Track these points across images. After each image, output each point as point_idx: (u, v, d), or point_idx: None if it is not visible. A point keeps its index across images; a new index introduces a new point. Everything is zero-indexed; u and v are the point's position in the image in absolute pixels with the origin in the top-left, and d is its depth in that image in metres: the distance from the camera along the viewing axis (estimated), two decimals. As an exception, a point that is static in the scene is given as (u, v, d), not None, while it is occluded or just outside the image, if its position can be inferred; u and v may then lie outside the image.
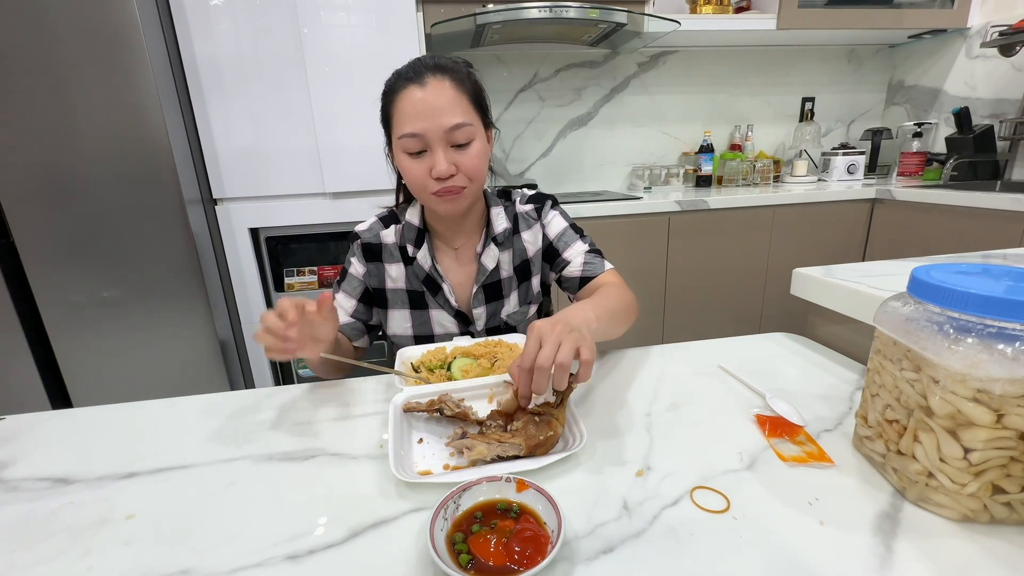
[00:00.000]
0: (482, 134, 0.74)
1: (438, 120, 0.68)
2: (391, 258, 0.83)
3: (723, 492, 0.44)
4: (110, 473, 0.51)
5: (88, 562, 0.39)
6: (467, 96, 0.71)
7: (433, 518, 0.38)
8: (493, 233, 0.82)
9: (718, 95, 2.37)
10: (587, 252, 0.84)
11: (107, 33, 1.29)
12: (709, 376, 0.66)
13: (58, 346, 1.48)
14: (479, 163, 0.73)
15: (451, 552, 0.37)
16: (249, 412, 0.63)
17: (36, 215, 1.37)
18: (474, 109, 0.73)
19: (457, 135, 0.69)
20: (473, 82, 0.74)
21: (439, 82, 0.69)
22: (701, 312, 2.01)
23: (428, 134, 0.68)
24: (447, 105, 0.68)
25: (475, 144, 0.72)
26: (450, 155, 0.70)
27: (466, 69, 0.74)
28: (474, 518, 0.40)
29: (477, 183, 0.75)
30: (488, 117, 0.77)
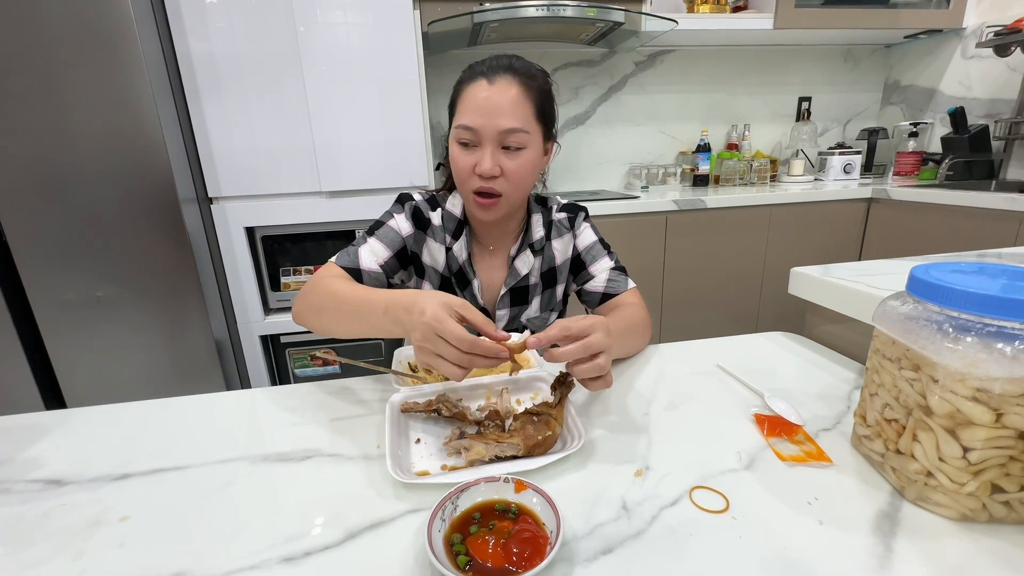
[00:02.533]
0: (538, 144, 0.73)
1: (495, 120, 0.68)
2: (435, 237, 0.82)
3: (722, 492, 0.44)
4: (104, 474, 0.50)
5: (81, 564, 0.39)
6: (532, 103, 0.71)
7: (431, 519, 0.38)
8: (531, 240, 0.82)
9: (715, 94, 2.38)
10: (612, 269, 0.83)
11: (101, 31, 1.28)
12: (707, 375, 0.66)
13: (52, 346, 1.46)
14: (525, 172, 0.72)
15: (449, 554, 0.36)
16: (245, 412, 0.62)
17: (29, 214, 1.36)
18: (536, 118, 0.72)
19: (510, 139, 0.69)
20: (543, 92, 0.73)
21: (507, 83, 0.69)
22: (699, 311, 2.01)
23: (482, 131, 0.69)
24: (508, 108, 0.68)
25: (526, 152, 0.71)
26: (498, 156, 0.70)
27: (542, 77, 0.74)
28: (472, 519, 0.40)
29: (519, 192, 0.74)
30: (551, 129, 0.77)
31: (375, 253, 0.78)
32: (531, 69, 0.73)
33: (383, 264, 0.78)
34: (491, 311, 0.85)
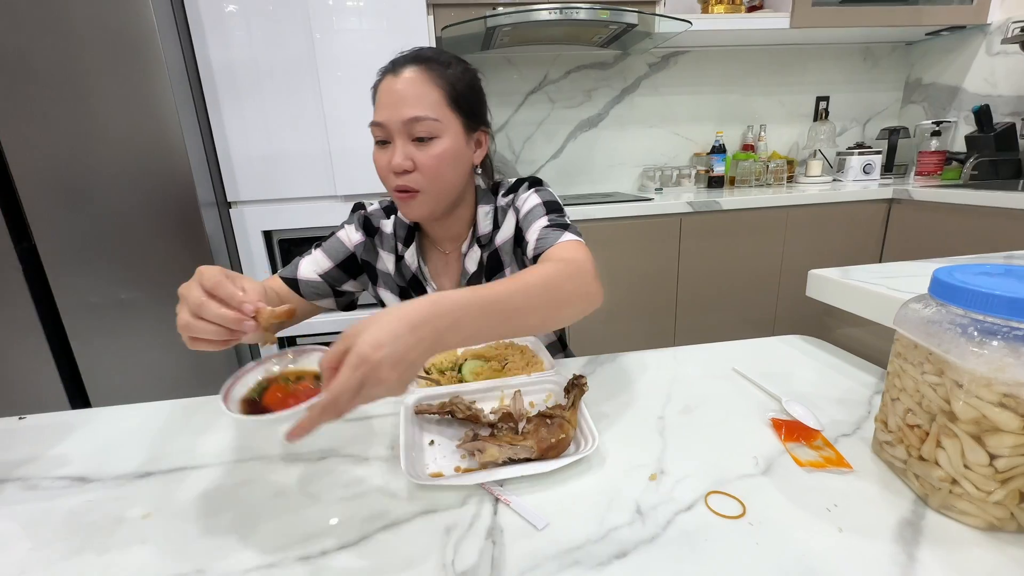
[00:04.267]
0: (455, 134, 0.69)
1: (398, 111, 0.66)
2: (384, 245, 0.82)
3: (738, 497, 0.43)
4: (127, 472, 0.51)
5: (106, 560, 0.40)
6: (442, 91, 0.67)
7: (261, 363, 0.46)
8: (479, 234, 0.78)
9: (730, 95, 2.35)
10: (545, 227, 0.70)
11: (125, 40, 1.32)
12: (723, 379, 0.65)
13: (77, 347, 1.51)
14: (438, 163, 0.68)
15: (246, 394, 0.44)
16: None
17: (56, 218, 1.40)
18: (449, 106, 0.68)
19: (417, 128, 0.66)
20: (457, 78, 0.69)
21: (413, 73, 0.67)
22: (713, 314, 1.99)
23: (389, 124, 0.67)
24: (412, 97, 0.66)
25: (439, 142, 0.67)
26: (408, 149, 0.67)
27: (456, 64, 0.70)
28: (287, 378, 0.46)
29: (438, 185, 0.69)
30: (473, 119, 0.72)
31: (317, 263, 0.80)
32: (441, 56, 0.70)
33: (323, 274, 0.80)
34: None
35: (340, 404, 0.37)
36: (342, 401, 0.37)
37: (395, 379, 0.38)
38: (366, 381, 0.37)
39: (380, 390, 0.38)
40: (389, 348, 0.38)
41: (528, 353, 0.69)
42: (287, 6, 1.47)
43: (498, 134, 2.25)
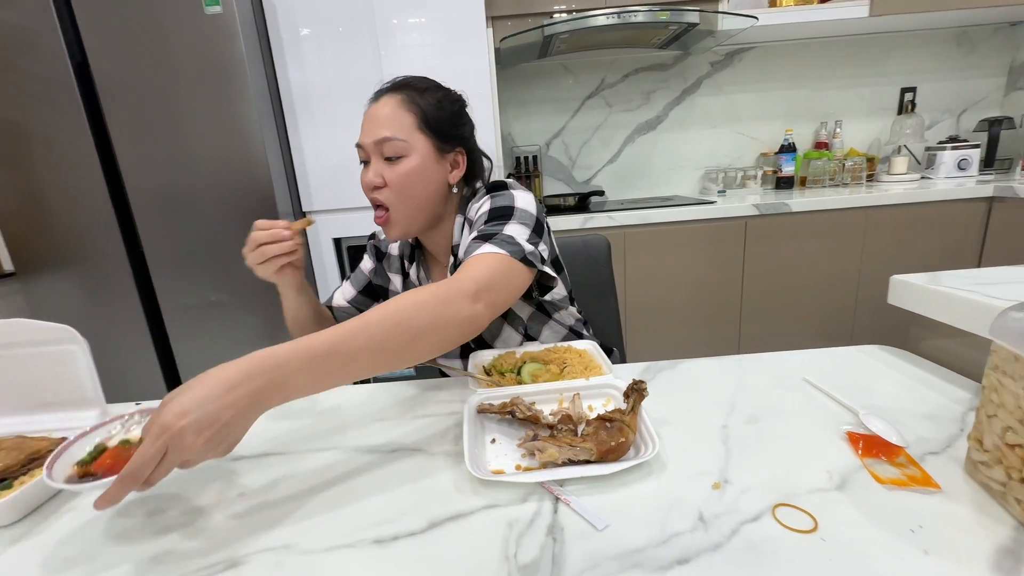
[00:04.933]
0: (424, 154, 0.73)
1: (372, 133, 0.72)
2: (391, 267, 0.91)
3: (809, 511, 0.41)
4: (224, 455, 0.57)
5: (209, 530, 0.45)
6: (414, 115, 0.72)
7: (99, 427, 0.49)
8: (454, 244, 0.80)
9: (801, 90, 2.23)
10: (472, 239, 0.67)
11: (218, 69, 1.47)
12: (792, 389, 0.62)
13: (175, 342, 1.68)
14: (404, 181, 0.72)
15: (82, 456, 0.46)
16: (337, 407, 0.68)
17: (160, 228, 1.58)
18: (419, 128, 0.73)
19: (385, 148, 0.72)
20: (431, 103, 0.74)
21: (388, 99, 0.73)
22: (782, 323, 1.88)
23: (366, 145, 0.73)
24: (384, 120, 0.72)
25: (405, 160, 0.72)
26: (380, 167, 0.73)
27: (430, 91, 0.75)
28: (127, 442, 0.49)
29: (406, 202, 0.74)
30: (446, 140, 0.75)
31: (344, 292, 0.93)
32: (419, 84, 0.75)
33: (351, 300, 0.93)
34: None
35: (140, 474, 0.38)
36: (143, 471, 0.38)
37: (202, 444, 0.39)
38: (170, 449, 0.38)
39: (188, 455, 0.39)
40: (194, 415, 0.39)
41: (587, 357, 0.70)
42: (355, 27, 1.57)
43: (554, 140, 2.27)
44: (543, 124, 2.24)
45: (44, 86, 1.46)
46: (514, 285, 0.63)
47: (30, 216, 1.56)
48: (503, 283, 0.61)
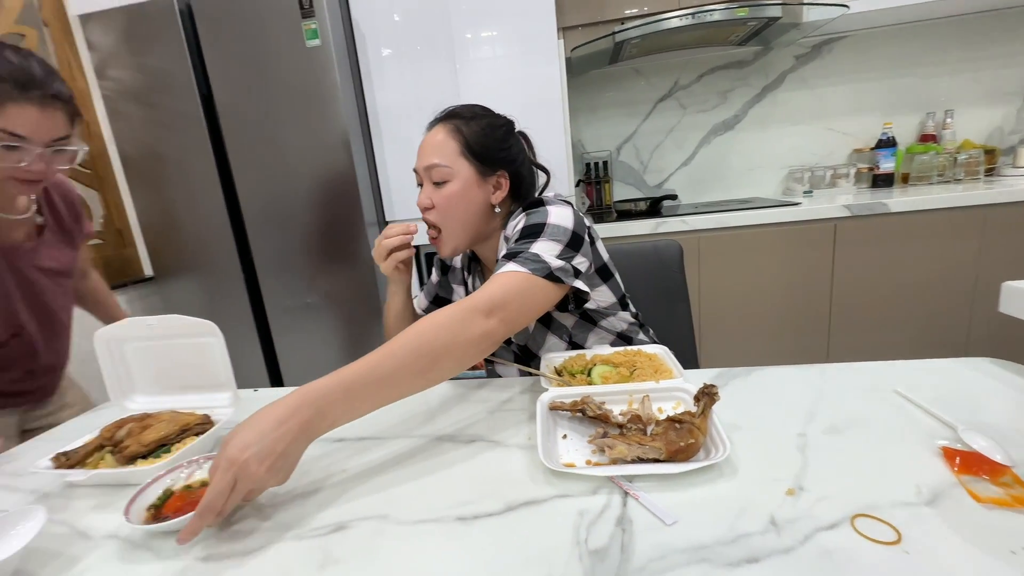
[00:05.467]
0: (466, 178, 0.79)
1: (422, 159, 0.80)
2: (455, 279, 0.98)
3: (893, 524, 0.40)
4: (328, 437, 0.65)
5: (320, 498, 0.52)
6: (458, 143, 0.79)
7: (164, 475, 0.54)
8: (498, 258, 0.82)
9: (902, 79, 2.03)
10: (502, 256, 0.72)
11: (315, 94, 1.64)
12: (881, 401, 0.59)
13: (277, 340, 1.89)
14: (449, 203, 0.79)
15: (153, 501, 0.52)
16: (421, 400, 0.75)
17: (265, 237, 1.79)
18: (462, 154, 0.79)
19: (433, 173, 0.79)
20: (475, 131, 0.80)
21: (438, 128, 0.81)
22: (880, 334, 1.73)
23: (419, 171, 0.81)
24: (432, 148, 0.79)
25: (450, 184, 0.79)
26: (429, 190, 0.80)
27: (476, 119, 0.81)
28: (190, 487, 0.54)
29: (452, 222, 0.80)
30: (489, 164, 0.81)
31: (419, 303, 1.02)
32: (465, 112, 0.82)
33: (424, 310, 1.02)
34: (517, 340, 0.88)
35: (216, 505, 0.44)
36: (218, 502, 0.44)
37: (264, 472, 0.46)
38: (238, 480, 0.45)
39: (253, 484, 0.46)
40: (255, 447, 0.46)
41: (657, 360, 0.71)
42: (433, 44, 1.68)
43: (625, 145, 2.25)
44: (614, 129, 2.24)
45: (178, 118, 1.71)
46: (533, 301, 0.67)
47: (165, 229, 1.84)
48: (519, 300, 0.65)
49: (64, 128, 0.78)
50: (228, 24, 1.61)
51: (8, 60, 0.71)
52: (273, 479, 0.48)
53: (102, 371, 0.71)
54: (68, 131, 0.79)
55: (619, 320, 0.87)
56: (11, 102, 0.71)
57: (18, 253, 0.89)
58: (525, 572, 0.40)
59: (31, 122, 0.74)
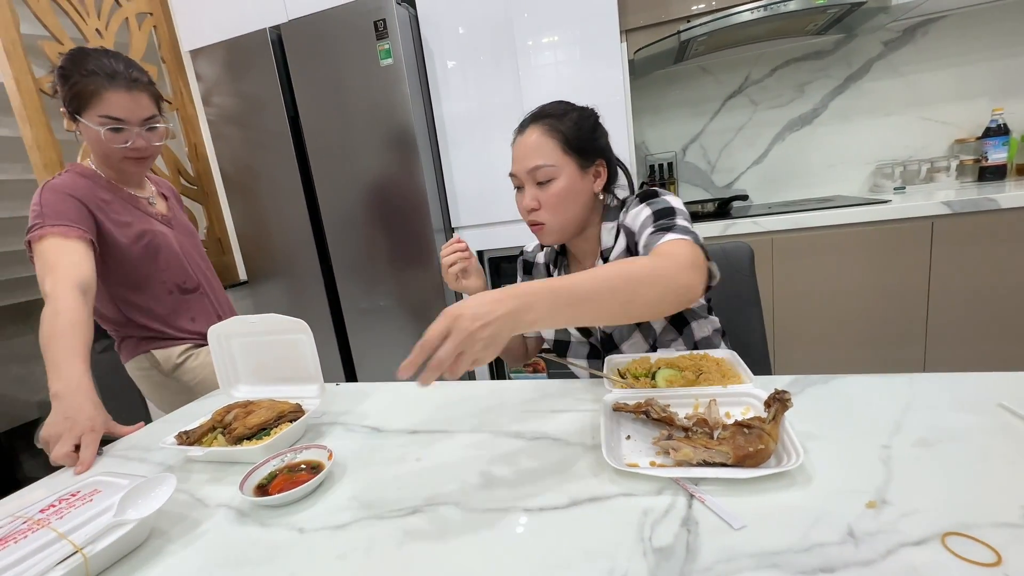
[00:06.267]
0: (570, 173, 0.81)
1: (523, 163, 0.82)
2: (538, 274, 1.01)
3: (991, 545, 0.37)
4: (403, 428, 0.71)
5: (398, 483, 0.57)
6: (557, 140, 0.80)
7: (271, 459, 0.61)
8: (602, 248, 0.87)
9: (1015, 59, 1.81)
10: (649, 234, 0.74)
11: (387, 109, 1.74)
12: (981, 414, 0.54)
13: (352, 339, 2.02)
14: (558, 200, 0.81)
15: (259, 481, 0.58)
16: (487, 398, 0.78)
17: (342, 244, 1.92)
18: (562, 151, 0.81)
19: (538, 175, 0.81)
20: (570, 126, 0.81)
21: (532, 130, 0.82)
22: (986, 343, 1.55)
23: (519, 174, 0.83)
24: (532, 150, 0.81)
25: (556, 183, 0.81)
26: (534, 191, 0.82)
27: (568, 113, 0.83)
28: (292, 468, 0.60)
29: (559, 216, 0.82)
30: (587, 156, 0.83)
31: None
32: (554, 110, 0.83)
33: None
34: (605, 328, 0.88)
35: (431, 344, 0.49)
36: (431, 343, 0.49)
37: (476, 329, 0.49)
38: (453, 331, 0.49)
39: (464, 338, 0.48)
40: (472, 308, 0.50)
41: (725, 365, 0.69)
42: (496, 53, 1.73)
43: (691, 145, 2.19)
44: (679, 129, 2.18)
45: (270, 137, 1.89)
46: (706, 269, 0.69)
47: (257, 237, 2.04)
48: (703, 265, 0.68)
49: (151, 108, 0.99)
50: (312, 50, 1.77)
51: (99, 59, 0.92)
52: (480, 344, 0.50)
53: (214, 362, 0.81)
54: (155, 111, 1.00)
55: (707, 324, 0.87)
56: (105, 91, 0.92)
57: (171, 221, 1.14)
58: (589, 564, 0.41)
59: (123, 105, 0.94)
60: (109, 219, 1.00)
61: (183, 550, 0.51)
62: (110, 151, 0.97)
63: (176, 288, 1.11)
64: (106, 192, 1.02)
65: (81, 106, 0.93)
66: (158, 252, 1.07)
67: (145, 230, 1.05)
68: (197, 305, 1.15)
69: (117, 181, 1.05)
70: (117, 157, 0.99)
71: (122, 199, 1.04)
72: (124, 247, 1.02)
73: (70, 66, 0.91)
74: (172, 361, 1.10)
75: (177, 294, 1.12)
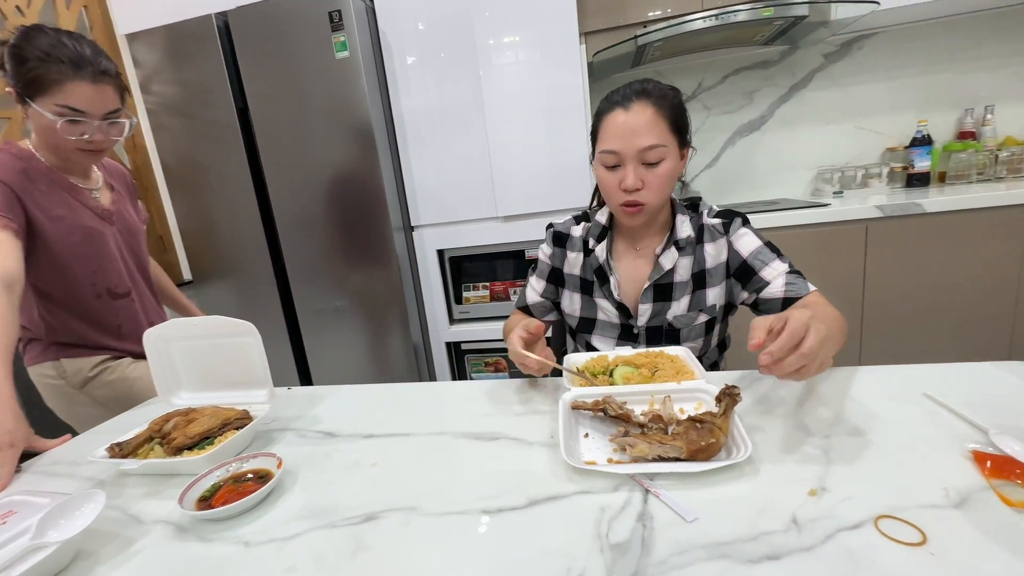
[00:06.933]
0: (675, 154, 0.80)
1: (633, 141, 0.78)
2: (573, 247, 0.95)
3: (918, 525, 0.40)
4: (357, 433, 0.69)
5: (351, 490, 0.55)
6: (666, 120, 0.78)
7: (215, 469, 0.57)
8: (676, 238, 0.86)
9: (938, 75, 1.96)
10: (788, 272, 0.81)
11: (344, 104, 1.69)
12: (910, 404, 0.58)
13: (307, 341, 1.95)
14: (664, 182, 0.80)
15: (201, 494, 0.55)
16: (446, 399, 0.77)
17: (297, 243, 1.85)
18: (671, 131, 0.79)
19: (649, 155, 0.78)
20: (675, 107, 0.80)
21: (641, 107, 0.78)
22: (914, 337, 1.67)
23: (624, 152, 0.79)
24: (643, 128, 0.77)
25: (664, 164, 0.79)
26: (639, 171, 0.79)
27: (672, 95, 0.81)
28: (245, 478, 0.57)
29: (660, 199, 0.82)
30: (684, 138, 0.83)
31: (535, 288, 1.00)
32: (662, 89, 0.80)
33: (542, 293, 0.99)
34: (633, 306, 0.89)
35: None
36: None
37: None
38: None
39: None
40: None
41: (679, 362, 0.71)
42: (456, 51, 1.71)
43: (648, 147, 2.24)
44: (636, 132, 2.23)
45: (217, 129, 1.79)
46: None
47: (203, 234, 1.92)
48: None
49: (115, 101, 0.90)
50: (262, 39, 1.69)
51: (64, 44, 0.83)
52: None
53: (151, 368, 0.76)
54: (119, 104, 0.91)
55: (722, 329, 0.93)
56: (69, 80, 0.83)
57: (113, 217, 1.04)
58: (548, 563, 0.41)
59: (87, 98, 0.86)
60: (40, 209, 0.90)
61: (113, 572, 0.47)
62: (62, 142, 0.88)
63: (106, 292, 1.02)
64: (42, 179, 0.92)
65: (36, 92, 0.83)
66: (91, 251, 0.98)
67: (79, 226, 0.96)
68: (125, 312, 1.05)
69: (59, 169, 0.95)
70: (68, 148, 0.90)
71: (60, 189, 0.95)
72: (52, 242, 0.93)
73: (25, 45, 0.81)
74: (83, 374, 1.00)
75: (106, 298, 1.02)
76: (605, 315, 0.92)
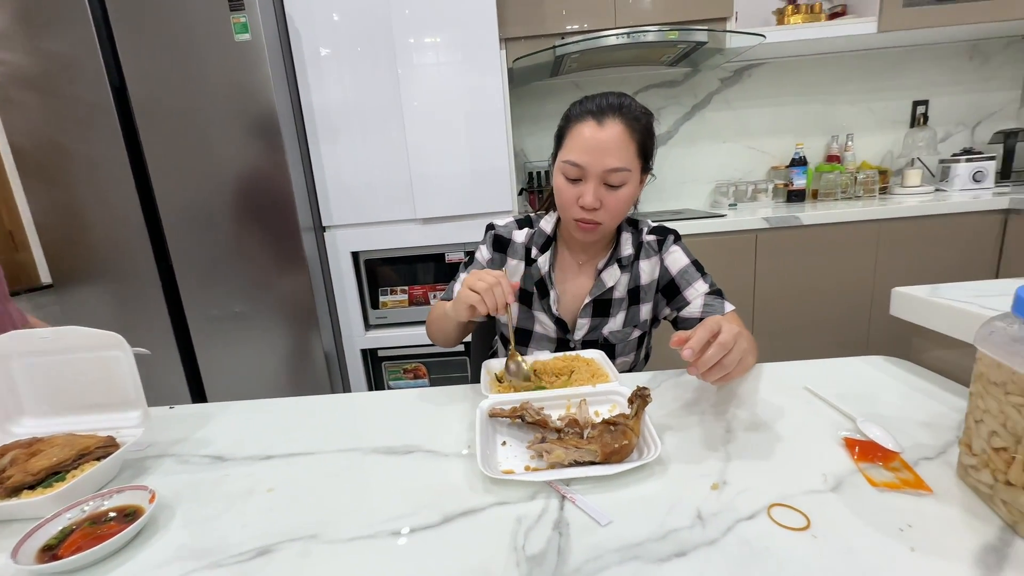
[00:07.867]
0: (636, 179, 0.79)
1: (600, 159, 0.75)
2: (515, 254, 0.92)
3: (803, 511, 0.44)
4: (253, 454, 0.61)
5: (242, 521, 0.49)
6: (635, 143, 0.76)
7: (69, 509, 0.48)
8: (619, 255, 0.87)
9: (811, 105, 2.25)
10: (707, 294, 0.84)
11: (246, 92, 1.55)
12: (793, 397, 0.64)
13: (200, 351, 1.75)
14: (623, 206, 0.79)
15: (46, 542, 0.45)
16: (358, 411, 0.72)
17: (188, 243, 1.65)
18: (637, 155, 0.77)
19: (612, 177, 0.76)
20: (645, 129, 0.78)
21: (614, 124, 0.75)
22: (794, 336, 1.88)
23: (589, 168, 0.76)
24: (612, 148, 0.75)
25: (625, 188, 0.78)
26: (600, 191, 0.76)
27: (646, 118, 0.79)
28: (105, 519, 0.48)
29: (615, 221, 0.82)
30: (647, 162, 0.81)
31: None
32: (636, 110, 0.78)
33: None
34: (571, 320, 0.89)
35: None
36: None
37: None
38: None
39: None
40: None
41: (594, 365, 0.73)
42: (373, 46, 1.64)
43: (566, 155, 2.31)
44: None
45: (86, 109, 1.55)
46: None
47: (68, 231, 1.65)
48: None
49: None
50: (145, 10, 1.49)
51: None
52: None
53: (-19, 391, 0.62)
54: None
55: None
56: None
57: None
58: (462, 583, 0.39)
59: None
60: None
61: (-88, 653, 0.37)
62: None
63: None
64: None
65: None
66: None
67: None
68: None
69: None
70: None
71: None
72: None
73: None
74: None
75: None
76: (543, 328, 0.90)
